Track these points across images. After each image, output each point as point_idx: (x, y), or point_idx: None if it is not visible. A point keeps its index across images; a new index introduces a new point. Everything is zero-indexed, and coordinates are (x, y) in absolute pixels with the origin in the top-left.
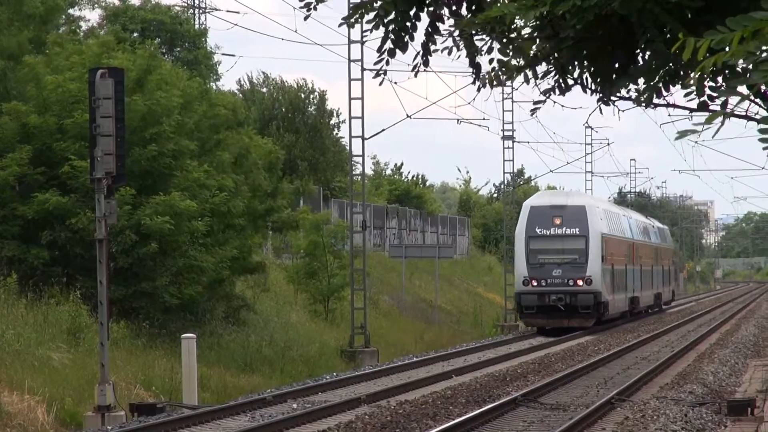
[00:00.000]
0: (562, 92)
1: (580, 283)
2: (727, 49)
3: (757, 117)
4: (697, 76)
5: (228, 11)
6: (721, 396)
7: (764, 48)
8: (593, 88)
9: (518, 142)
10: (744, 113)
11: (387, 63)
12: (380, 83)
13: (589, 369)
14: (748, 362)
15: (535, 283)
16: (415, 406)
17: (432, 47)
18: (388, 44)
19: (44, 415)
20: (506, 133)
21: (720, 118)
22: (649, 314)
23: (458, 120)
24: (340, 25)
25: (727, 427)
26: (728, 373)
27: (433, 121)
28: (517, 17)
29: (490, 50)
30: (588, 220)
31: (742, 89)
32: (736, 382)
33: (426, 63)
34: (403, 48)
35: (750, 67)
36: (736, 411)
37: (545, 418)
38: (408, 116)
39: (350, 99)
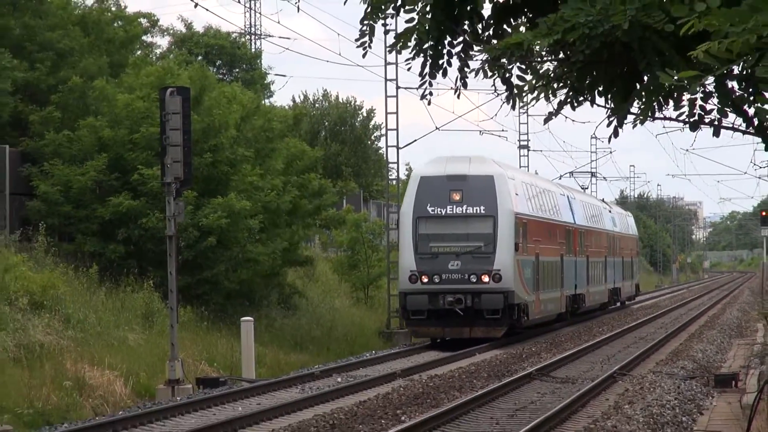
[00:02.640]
0: (573, 107)
1: (485, 279)
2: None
3: (741, 129)
4: (690, 98)
5: (280, 37)
6: (708, 371)
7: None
8: (601, 104)
9: (532, 150)
10: (731, 126)
11: (430, 84)
12: (429, 103)
13: (594, 347)
14: (733, 341)
15: (425, 280)
16: (443, 379)
17: (466, 70)
18: (428, 68)
19: (122, 387)
20: (522, 143)
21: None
22: (606, 312)
23: (480, 131)
24: (388, 61)
25: (714, 397)
26: (715, 351)
27: (459, 132)
28: (534, 43)
29: (509, 73)
30: (497, 196)
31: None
32: (721, 358)
33: (465, 85)
34: (443, 72)
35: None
36: (722, 384)
37: (556, 390)
38: (437, 128)
39: (386, 113)
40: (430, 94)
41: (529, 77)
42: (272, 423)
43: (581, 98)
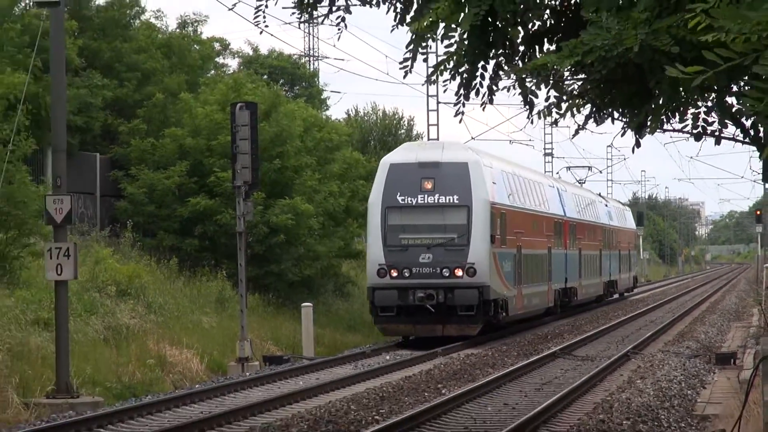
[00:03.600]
0: (597, 123)
1: (458, 273)
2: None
3: (739, 138)
4: (694, 112)
5: (335, 58)
6: (710, 350)
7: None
8: (618, 117)
9: (556, 157)
10: (731, 136)
11: (463, 105)
12: (459, 121)
13: (610, 330)
14: (731, 324)
15: (394, 274)
16: (478, 357)
17: (495, 89)
18: (462, 90)
19: (198, 364)
20: (547, 151)
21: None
22: (601, 304)
23: (510, 141)
24: (424, 84)
25: (715, 373)
26: (716, 333)
27: (491, 141)
28: (557, 65)
29: (532, 93)
30: (472, 184)
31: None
32: (721, 339)
33: (491, 101)
34: (476, 92)
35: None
36: (722, 361)
37: (577, 367)
38: (472, 138)
39: (428, 125)
40: (462, 113)
41: (545, 94)
42: (329, 395)
43: (603, 114)
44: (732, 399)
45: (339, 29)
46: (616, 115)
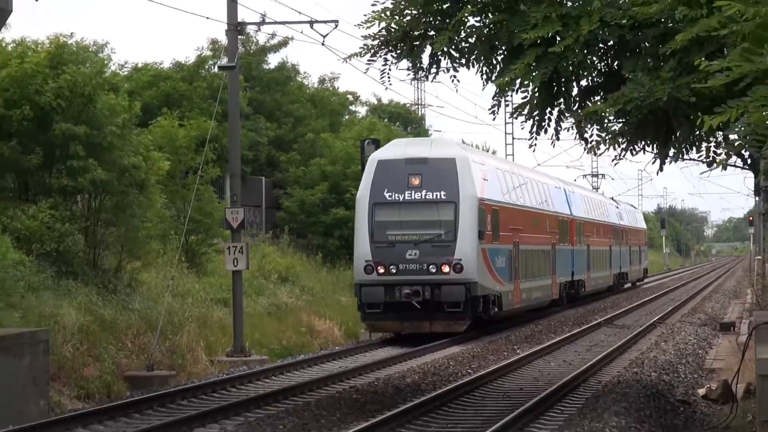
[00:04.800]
0: (633, 154)
1: (445, 269)
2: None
3: (740, 165)
4: (706, 146)
5: (438, 106)
6: (715, 320)
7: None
8: (649, 150)
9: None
10: (734, 164)
11: (535, 140)
12: (533, 151)
13: (640, 306)
14: (731, 301)
15: (381, 270)
16: (543, 326)
17: (559, 129)
18: (535, 129)
19: (337, 332)
20: (593, 173)
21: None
22: (613, 293)
23: (566, 166)
24: (507, 121)
25: (719, 338)
26: (720, 308)
27: (552, 167)
28: (604, 111)
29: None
30: (459, 180)
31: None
32: (724, 312)
33: (558, 138)
34: (545, 131)
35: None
36: (724, 329)
37: (617, 333)
38: (538, 164)
39: (506, 155)
40: (535, 145)
41: (594, 131)
42: (433, 354)
43: (638, 147)
44: (732, 357)
45: (454, 82)
46: (647, 148)
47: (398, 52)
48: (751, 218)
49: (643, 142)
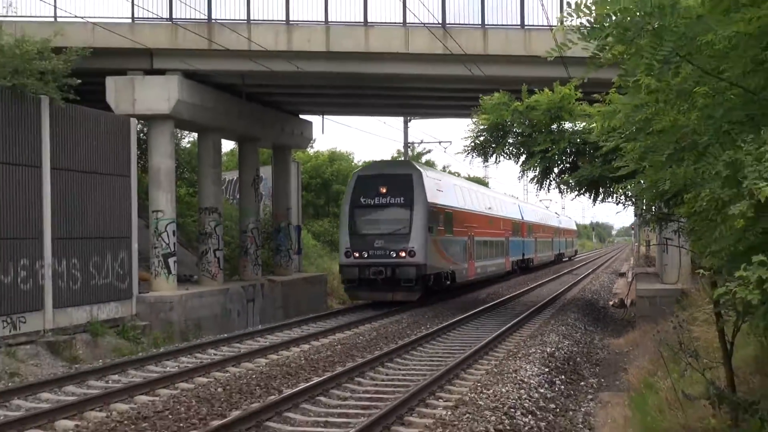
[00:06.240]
0: (581, 196)
1: (402, 254)
2: None
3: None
4: (616, 196)
5: (484, 176)
6: (617, 271)
7: None
8: (588, 197)
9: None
10: (632, 203)
11: (538, 190)
12: (536, 194)
13: (577, 269)
14: (624, 263)
15: (357, 255)
16: (512, 284)
17: (562, 187)
18: (539, 185)
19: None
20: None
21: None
22: (553, 263)
23: (563, 207)
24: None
25: (618, 279)
26: (619, 265)
27: (544, 200)
28: (570, 180)
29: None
30: (414, 189)
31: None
32: (621, 267)
33: (549, 189)
34: (548, 188)
35: None
36: (621, 275)
37: (568, 281)
38: (540, 200)
39: (520, 192)
40: (539, 192)
41: (566, 188)
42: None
43: (584, 195)
44: (625, 288)
45: (496, 162)
46: (587, 195)
47: (478, 151)
48: (633, 227)
49: (587, 193)
